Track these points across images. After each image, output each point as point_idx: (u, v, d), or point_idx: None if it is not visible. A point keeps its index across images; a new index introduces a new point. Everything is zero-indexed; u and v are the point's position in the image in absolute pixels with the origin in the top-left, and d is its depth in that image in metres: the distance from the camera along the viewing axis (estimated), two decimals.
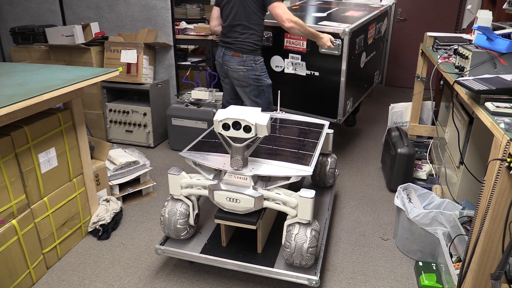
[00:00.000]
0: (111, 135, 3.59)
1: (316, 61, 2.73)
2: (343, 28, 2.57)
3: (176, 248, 1.88)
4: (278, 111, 2.43)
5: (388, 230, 2.32)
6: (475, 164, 2.09)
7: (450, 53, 2.38)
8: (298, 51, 2.75)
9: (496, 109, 1.38)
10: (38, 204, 1.87)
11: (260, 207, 1.71)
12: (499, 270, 1.26)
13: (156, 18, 3.52)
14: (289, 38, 2.74)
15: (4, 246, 1.69)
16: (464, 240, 1.68)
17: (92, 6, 3.66)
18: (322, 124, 2.29)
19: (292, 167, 1.71)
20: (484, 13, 2.20)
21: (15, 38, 3.63)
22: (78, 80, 1.90)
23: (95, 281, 1.91)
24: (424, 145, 3.11)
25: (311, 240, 1.65)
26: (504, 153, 1.20)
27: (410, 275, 1.97)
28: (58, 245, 2.03)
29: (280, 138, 2.05)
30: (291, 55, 2.80)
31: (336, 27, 2.61)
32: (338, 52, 2.62)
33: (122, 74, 3.34)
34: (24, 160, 1.76)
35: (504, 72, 1.72)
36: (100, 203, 2.35)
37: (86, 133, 2.17)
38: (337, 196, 2.70)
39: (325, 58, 2.67)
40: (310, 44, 2.68)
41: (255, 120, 1.55)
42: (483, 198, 1.33)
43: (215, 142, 1.99)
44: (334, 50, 2.61)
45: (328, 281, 1.92)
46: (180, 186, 1.84)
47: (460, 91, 1.69)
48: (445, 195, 2.40)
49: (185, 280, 1.91)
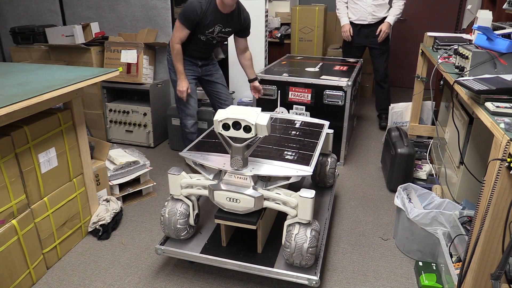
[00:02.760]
0: (111, 135, 3.59)
1: (320, 111, 2.99)
2: (346, 82, 2.89)
3: (176, 248, 1.88)
4: (278, 111, 2.43)
5: (388, 230, 2.32)
6: (475, 164, 2.09)
7: (450, 53, 2.38)
8: (303, 103, 3.03)
9: (496, 109, 1.38)
10: (38, 204, 1.87)
11: (260, 207, 1.71)
12: (499, 270, 1.26)
13: (156, 18, 3.52)
14: (293, 91, 3.02)
15: (4, 246, 1.69)
16: (464, 240, 1.68)
17: (92, 6, 3.66)
18: (322, 124, 2.29)
19: (292, 167, 1.71)
20: (484, 13, 2.20)
21: (15, 38, 3.63)
22: (78, 80, 1.90)
23: (95, 281, 1.91)
24: (424, 145, 3.11)
25: (311, 240, 1.65)
26: (504, 153, 1.20)
27: (410, 275, 1.97)
28: (58, 245, 2.03)
29: (280, 138, 2.05)
30: (295, 106, 3.06)
31: (338, 81, 2.92)
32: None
33: (122, 74, 3.34)
34: (24, 160, 1.76)
35: (504, 72, 1.72)
36: (100, 203, 2.34)
37: (86, 133, 2.17)
38: (337, 196, 2.70)
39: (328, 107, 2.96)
40: (315, 96, 2.97)
41: (255, 120, 1.55)
42: (483, 198, 1.33)
43: (215, 142, 1.99)
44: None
45: (328, 281, 1.92)
46: (180, 186, 1.84)
47: (460, 91, 1.69)
48: (445, 195, 2.40)
49: (185, 280, 1.91)
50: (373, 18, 3.67)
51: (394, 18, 3.64)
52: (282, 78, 3.01)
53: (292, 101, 3.05)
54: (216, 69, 2.95)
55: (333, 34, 5.24)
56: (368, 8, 3.63)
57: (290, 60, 3.73)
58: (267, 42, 3.65)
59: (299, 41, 4.73)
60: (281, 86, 3.02)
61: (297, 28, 4.68)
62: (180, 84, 2.70)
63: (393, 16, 3.64)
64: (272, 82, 3.05)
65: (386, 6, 3.65)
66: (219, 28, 2.66)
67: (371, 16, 3.66)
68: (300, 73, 3.12)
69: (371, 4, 3.62)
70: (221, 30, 2.68)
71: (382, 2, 3.62)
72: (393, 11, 3.64)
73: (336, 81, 2.92)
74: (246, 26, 2.76)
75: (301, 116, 2.42)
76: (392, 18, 3.64)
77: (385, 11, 3.66)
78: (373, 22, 3.68)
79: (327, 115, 2.90)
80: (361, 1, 3.63)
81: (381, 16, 3.66)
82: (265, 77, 3.05)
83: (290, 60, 3.73)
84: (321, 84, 2.93)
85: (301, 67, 3.39)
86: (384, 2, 3.62)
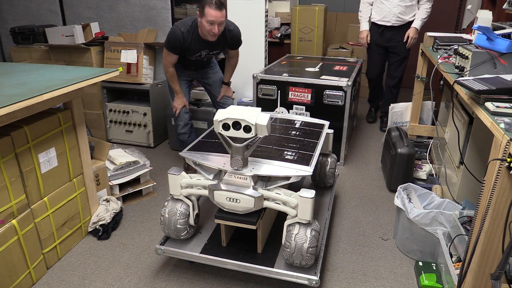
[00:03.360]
0: (111, 135, 3.59)
1: (320, 111, 3.00)
2: (346, 82, 2.90)
3: (176, 248, 1.88)
4: (278, 111, 2.43)
5: (388, 230, 2.32)
6: (475, 164, 2.09)
7: (450, 53, 2.38)
8: (303, 103, 3.03)
9: (496, 109, 1.38)
10: (38, 204, 1.87)
11: (260, 207, 1.71)
12: (499, 270, 1.26)
13: (156, 18, 3.52)
14: (293, 91, 3.02)
15: (4, 246, 1.69)
16: (464, 240, 1.68)
17: (92, 6, 3.67)
18: (322, 124, 2.29)
19: (292, 167, 1.71)
20: (484, 13, 2.20)
21: (15, 38, 3.63)
22: (78, 80, 1.90)
23: (95, 281, 1.91)
24: (424, 145, 3.11)
25: (311, 240, 1.65)
26: (504, 153, 1.20)
27: (410, 275, 1.97)
28: (58, 245, 2.03)
29: (280, 138, 2.05)
30: (295, 106, 3.06)
31: (338, 81, 2.93)
32: None
33: (122, 74, 3.34)
34: (24, 160, 1.76)
35: (504, 72, 1.72)
36: (100, 203, 2.34)
37: (86, 133, 2.16)
38: (337, 196, 2.70)
39: (328, 107, 2.97)
40: (315, 96, 2.96)
41: (255, 120, 1.55)
42: (483, 198, 1.33)
43: (215, 142, 1.99)
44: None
45: (328, 281, 1.92)
46: (180, 186, 1.84)
47: (460, 91, 1.69)
48: (445, 195, 2.40)
49: (185, 280, 1.91)
50: (398, 20, 3.44)
51: (421, 22, 3.42)
52: (282, 78, 3.01)
53: (292, 101, 3.05)
54: (214, 72, 2.95)
55: (333, 34, 5.25)
56: (394, 8, 3.40)
57: (290, 60, 3.73)
58: (267, 42, 3.65)
59: (299, 41, 4.74)
60: (281, 86, 3.02)
61: (297, 28, 4.68)
62: (176, 101, 2.83)
63: (420, 21, 3.41)
64: (272, 82, 3.05)
65: (413, 9, 3.41)
66: (206, 52, 2.70)
67: (395, 17, 3.43)
68: (300, 73, 3.13)
69: (398, 5, 3.38)
70: (209, 53, 2.72)
71: (410, 4, 3.38)
72: (419, 14, 3.41)
73: (336, 81, 2.93)
74: (235, 43, 2.73)
75: (301, 116, 2.42)
76: (419, 22, 3.41)
77: (412, 14, 3.42)
78: (397, 25, 3.46)
79: (327, 115, 2.90)
80: (388, 1, 3.41)
81: (407, 19, 3.43)
82: (265, 77, 3.05)
83: (290, 60, 3.73)
84: (321, 84, 2.93)
85: (301, 67, 3.40)
86: (412, 4, 3.38)
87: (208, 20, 2.39)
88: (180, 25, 2.57)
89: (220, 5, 2.38)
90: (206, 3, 2.37)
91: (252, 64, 3.51)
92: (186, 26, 2.55)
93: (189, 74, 2.90)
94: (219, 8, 2.37)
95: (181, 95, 2.84)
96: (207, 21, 2.40)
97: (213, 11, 2.36)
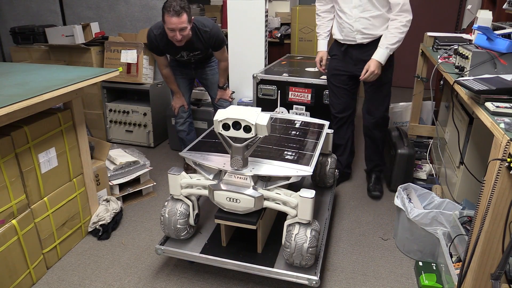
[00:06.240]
0: (111, 135, 3.59)
1: (320, 111, 2.96)
2: None
3: (176, 248, 1.88)
4: (278, 111, 2.43)
5: (388, 230, 2.32)
6: (475, 164, 2.09)
7: (450, 53, 2.38)
8: (303, 103, 3.01)
9: (496, 109, 1.38)
10: (38, 204, 1.87)
11: (260, 207, 1.71)
12: (499, 270, 1.26)
13: (156, 18, 3.52)
14: (293, 91, 3.01)
15: (4, 246, 1.69)
16: (464, 240, 1.68)
17: (92, 6, 3.67)
18: (322, 124, 2.29)
19: (292, 167, 1.71)
20: (484, 13, 2.20)
21: (15, 38, 3.63)
22: (78, 80, 1.90)
23: (95, 281, 1.91)
24: (424, 145, 3.11)
25: (311, 240, 1.65)
26: (504, 153, 1.20)
27: (410, 275, 1.97)
28: (58, 245, 2.03)
29: (280, 138, 2.05)
30: (295, 106, 3.05)
31: None
32: None
33: (122, 74, 3.34)
34: (24, 160, 1.76)
35: (504, 72, 1.72)
36: (100, 203, 2.35)
37: (86, 133, 2.17)
38: (337, 196, 2.70)
39: (328, 107, 2.89)
40: (315, 96, 2.93)
41: (255, 120, 1.55)
42: (483, 198, 1.33)
43: (215, 142, 1.99)
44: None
45: (328, 281, 1.92)
46: (180, 186, 1.84)
47: (460, 91, 1.68)
48: (445, 195, 2.40)
49: (185, 280, 1.91)
50: (364, 37, 2.36)
51: (387, 51, 2.26)
52: (282, 78, 3.01)
53: (292, 101, 3.05)
54: (213, 73, 2.95)
55: None
56: (355, 23, 2.32)
57: (290, 60, 3.73)
58: (267, 42, 3.65)
59: (299, 41, 4.74)
60: (281, 86, 3.02)
61: (297, 28, 4.68)
62: (175, 101, 2.89)
63: (385, 48, 2.26)
64: (272, 82, 3.05)
65: (385, 17, 2.30)
66: (186, 53, 2.68)
67: (360, 34, 2.36)
68: (300, 73, 3.12)
69: (359, 18, 2.30)
70: (189, 54, 2.69)
71: (377, 13, 2.28)
72: (387, 37, 2.26)
73: None
74: (214, 43, 2.64)
75: (301, 116, 2.42)
76: (384, 52, 2.26)
77: (384, 27, 2.31)
78: (366, 42, 2.38)
79: (327, 115, 2.90)
80: (345, 14, 2.35)
81: (378, 33, 2.33)
82: (265, 77, 3.05)
83: (290, 60, 3.73)
84: (321, 84, 2.92)
85: (301, 67, 3.39)
86: (380, 13, 2.28)
87: (167, 27, 2.37)
88: (153, 27, 2.56)
89: (178, 11, 2.29)
90: (165, 11, 2.32)
91: (252, 64, 3.50)
92: (158, 28, 2.53)
93: (189, 73, 2.90)
94: (176, 14, 2.29)
95: (180, 95, 2.85)
96: (167, 28, 2.37)
97: (170, 18, 2.31)
